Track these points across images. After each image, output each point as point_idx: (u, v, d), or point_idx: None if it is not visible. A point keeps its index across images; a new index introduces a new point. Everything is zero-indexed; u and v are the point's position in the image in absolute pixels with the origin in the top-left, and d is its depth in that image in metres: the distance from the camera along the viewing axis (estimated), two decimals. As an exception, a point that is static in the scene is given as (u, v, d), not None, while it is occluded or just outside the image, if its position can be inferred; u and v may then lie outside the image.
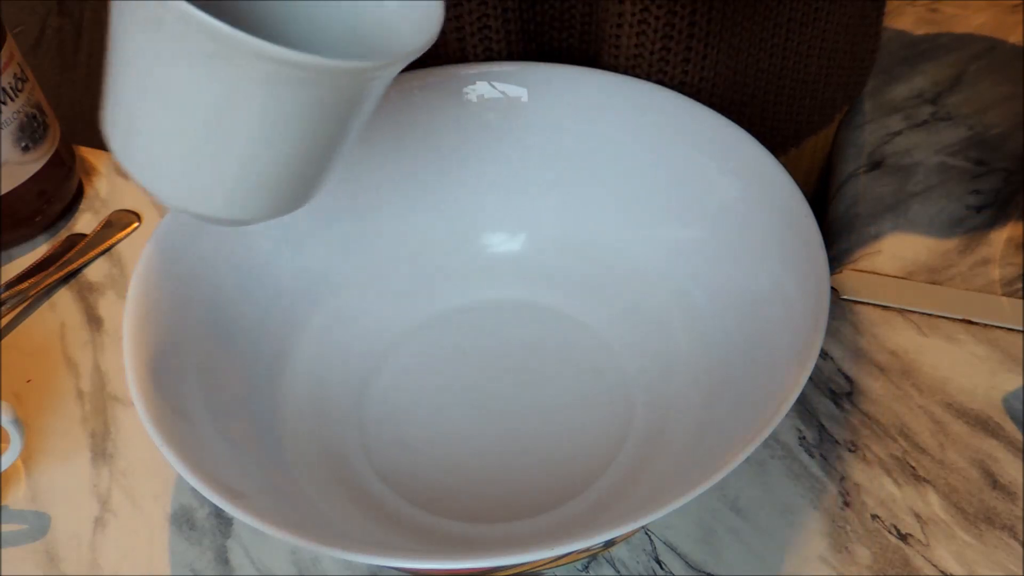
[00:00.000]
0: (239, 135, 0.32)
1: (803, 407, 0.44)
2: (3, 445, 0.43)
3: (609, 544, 0.37)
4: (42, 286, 0.52)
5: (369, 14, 0.37)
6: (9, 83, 0.49)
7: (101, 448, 0.45)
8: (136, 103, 0.32)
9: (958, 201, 0.52)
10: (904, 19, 0.63)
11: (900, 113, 0.57)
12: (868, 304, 0.47)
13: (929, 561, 0.39)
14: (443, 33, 0.49)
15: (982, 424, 0.43)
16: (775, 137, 0.42)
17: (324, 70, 0.30)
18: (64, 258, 0.53)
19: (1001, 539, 0.39)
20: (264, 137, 0.32)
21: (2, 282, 0.52)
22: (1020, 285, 0.47)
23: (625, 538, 0.39)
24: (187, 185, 0.33)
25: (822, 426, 0.43)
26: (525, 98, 0.47)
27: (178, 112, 0.31)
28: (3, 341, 0.50)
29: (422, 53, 0.33)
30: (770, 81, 0.51)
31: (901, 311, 0.47)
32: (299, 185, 0.35)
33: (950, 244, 0.50)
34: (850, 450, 0.42)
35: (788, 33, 0.49)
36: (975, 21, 0.63)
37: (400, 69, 0.33)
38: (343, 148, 0.35)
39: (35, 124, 0.51)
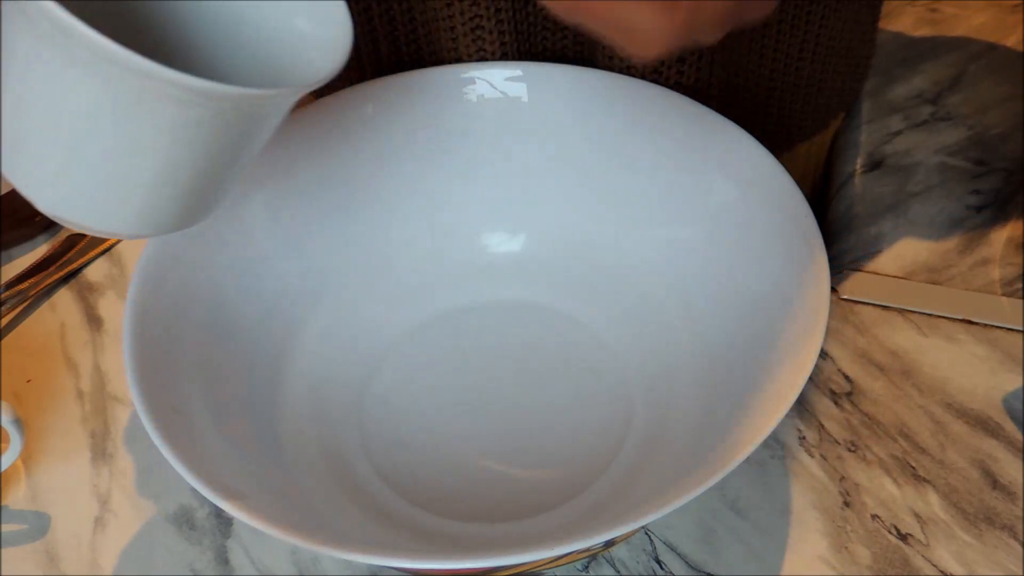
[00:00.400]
0: (127, 152, 0.31)
1: (803, 407, 0.44)
2: (3, 445, 0.43)
3: (609, 544, 0.37)
4: (42, 286, 0.52)
5: (280, 37, 0.36)
6: (9, 83, 0.49)
7: (101, 448, 0.45)
8: (21, 114, 0.31)
9: (958, 201, 0.52)
10: (904, 19, 0.63)
11: (900, 113, 0.57)
12: (868, 304, 0.47)
13: (929, 561, 0.39)
14: (436, 33, 0.49)
15: (982, 424, 0.43)
16: (766, 141, 0.42)
17: (215, 95, 0.29)
18: (64, 258, 0.53)
19: (1001, 539, 0.39)
20: (154, 155, 0.31)
21: (2, 282, 0.52)
22: (1020, 285, 0.48)
23: (625, 538, 0.39)
24: (70, 197, 0.33)
25: (822, 426, 0.43)
26: (525, 98, 0.47)
27: (63, 125, 0.31)
28: (3, 341, 0.50)
29: (322, 84, 0.33)
30: (760, 84, 0.51)
31: (901, 311, 0.47)
32: (184, 203, 0.34)
33: (950, 244, 0.50)
34: (850, 450, 0.42)
35: (779, 35, 0.49)
36: (975, 21, 0.63)
37: (300, 96, 0.32)
38: (236, 168, 0.35)
39: (35, 124, 0.51)
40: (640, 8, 0.27)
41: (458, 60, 0.49)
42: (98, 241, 0.54)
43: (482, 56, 0.48)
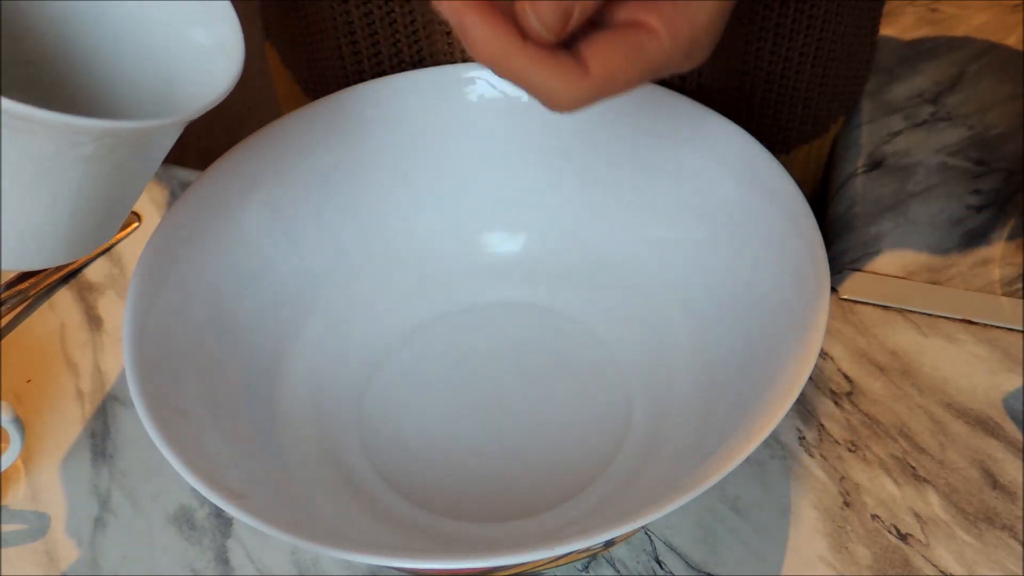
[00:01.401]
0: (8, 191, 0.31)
1: (803, 407, 0.44)
2: (3, 445, 0.43)
3: (609, 544, 0.37)
4: (42, 286, 0.52)
5: (178, 51, 0.36)
6: (9, 83, 0.49)
7: (101, 448, 0.45)
8: None
9: (958, 201, 0.52)
10: (904, 19, 0.63)
11: (900, 113, 0.57)
12: (868, 304, 0.47)
13: (929, 561, 0.39)
14: (434, 35, 0.49)
15: (982, 424, 0.43)
16: (766, 144, 0.42)
17: (71, 129, 0.29)
18: (64, 258, 0.53)
19: (1001, 539, 0.39)
20: (37, 192, 0.31)
21: (2, 282, 0.52)
22: (1020, 285, 0.48)
23: (625, 538, 0.39)
24: None
25: (822, 426, 0.43)
26: (525, 98, 0.47)
27: None
28: (3, 341, 0.50)
29: (200, 114, 0.32)
30: (760, 87, 0.51)
31: (901, 311, 0.47)
32: (69, 238, 0.33)
33: (950, 244, 0.50)
34: (850, 450, 0.42)
35: (777, 39, 0.49)
36: (975, 21, 0.63)
37: (178, 126, 0.32)
38: (130, 195, 0.34)
39: (35, 124, 0.51)
40: (550, 75, 0.30)
41: (454, 62, 0.49)
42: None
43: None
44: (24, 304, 0.51)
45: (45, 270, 0.52)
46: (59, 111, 0.28)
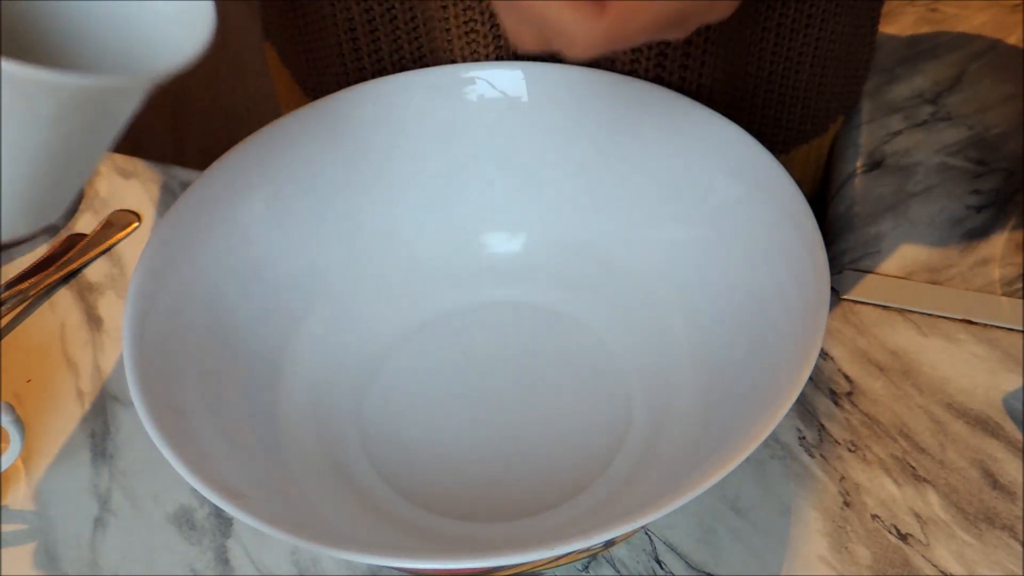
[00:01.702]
0: None
1: (803, 407, 0.44)
2: (3, 445, 0.43)
3: (609, 544, 0.37)
4: (42, 286, 0.52)
5: (141, 19, 0.35)
6: (9, 83, 0.49)
7: (101, 448, 0.45)
8: None
9: (958, 201, 0.52)
10: (904, 19, 0.63)
11: (900, 113, 0.57)
12: (868, 304, 0.47)
13: (929, 561, 0.39)
14: (434, 34, 0.49)
15: (982, 424, 0.43)
16: (766, 143, 0.42)
17: (56, 85, 0.27)
18: (64, 258, 0.53)
19: (1001, 539, 0.39)
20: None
21: (2, 282, 0.52)
22: (1020, 285, 0.48)
23: (625, 538, 0.39)
24: None
25: (822, 426, 0.43)
26: (525, 98, 0.47)
27: None
28: (3, 341, 0.50)
29: (163, 78, 0.31)
30: (757, 86, 0.51)
31: (901, 311, 0.47)
32: (12, 206, 0.32)
33: (950, 244, 0.50)
34: (850, 450, 0.42)
35: (777, 39, 0.49)
36: (975, 21, 0.63)
37: (143, 87, 0.31)
38: (81, 165, 0.33)
39: (35, 124, 0.51)
40: (565, 9, 0.29)
41: (453, 61, 0.49)
42: (98, 241, 0.54)
43: (476, 58, 0.48)
44: (24, 304, 0.51)
45: (45, 270, 0.52)
46: None
